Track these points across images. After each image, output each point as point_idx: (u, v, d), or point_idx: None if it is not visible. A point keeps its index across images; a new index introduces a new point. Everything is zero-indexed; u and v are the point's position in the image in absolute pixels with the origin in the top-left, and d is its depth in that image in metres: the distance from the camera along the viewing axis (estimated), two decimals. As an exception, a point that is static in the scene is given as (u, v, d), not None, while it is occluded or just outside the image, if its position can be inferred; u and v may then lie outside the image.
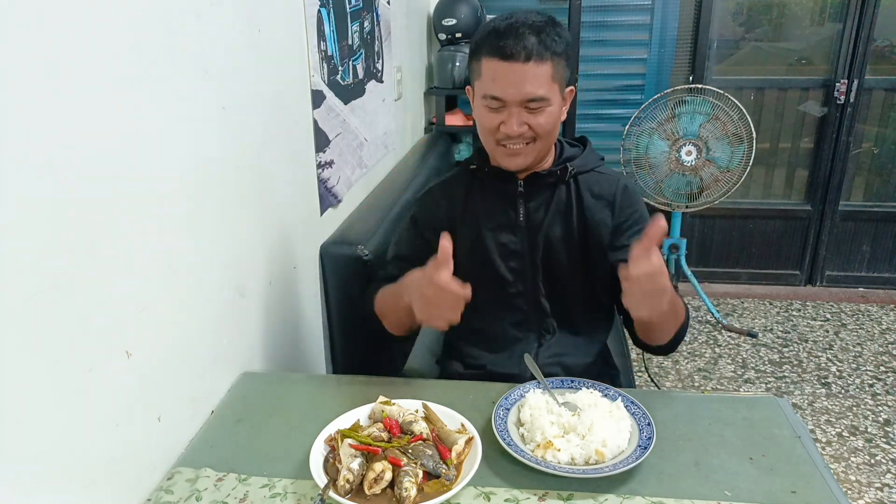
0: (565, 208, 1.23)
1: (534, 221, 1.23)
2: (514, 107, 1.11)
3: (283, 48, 1.42)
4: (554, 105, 1.13)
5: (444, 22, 2.85)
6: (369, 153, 2.08)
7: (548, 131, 1.14)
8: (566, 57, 1.13)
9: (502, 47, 1.08)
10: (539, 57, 1.08)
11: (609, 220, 1.23)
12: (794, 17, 3.21)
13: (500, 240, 1.24)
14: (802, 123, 3.30)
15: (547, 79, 1.10)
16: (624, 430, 0.96)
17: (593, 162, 1.26)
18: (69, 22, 0.76)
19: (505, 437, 0.95)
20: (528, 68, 1.08)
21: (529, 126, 1.12)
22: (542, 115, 1.12)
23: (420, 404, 1.01)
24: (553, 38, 1.10)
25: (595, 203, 1.23)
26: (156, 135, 0.94)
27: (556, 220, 1.23)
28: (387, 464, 0.86)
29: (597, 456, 0.92)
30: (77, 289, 0.78)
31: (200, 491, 0.90)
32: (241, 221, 1.23)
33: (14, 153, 0.68)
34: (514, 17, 1.12)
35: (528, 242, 1.24)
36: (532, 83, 1.09)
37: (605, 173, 1.26)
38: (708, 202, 2.78)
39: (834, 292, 3.41)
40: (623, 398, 1.03)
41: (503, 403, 1.03)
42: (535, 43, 1.08)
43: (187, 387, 1.04)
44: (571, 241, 1.23)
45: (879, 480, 2.11)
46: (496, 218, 1.24)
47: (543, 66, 1.09)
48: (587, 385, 1.07)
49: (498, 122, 1.13)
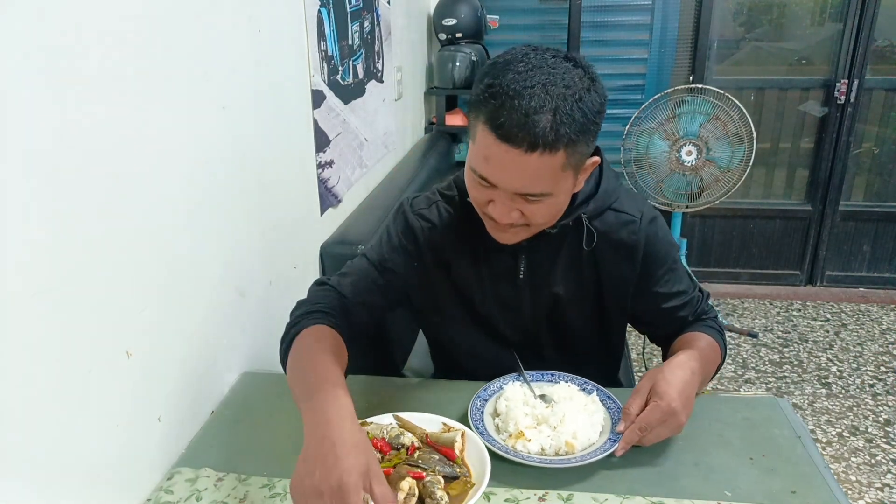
0: (576, 263, 1.05)
1: (538, 277, 1.06)
2: (505, 194, 0.88)
3: (283, 48, 1.42)
4: (559, 195, 0.90)
5: (444, 22, 2.85)
6: (369, 153, 2.08)
7: (546, 221, 0.94)
8: (592, 133, 0.85)
9: (502, 125, 0.81)
10: (549, 147, 0.81)
11: (632, 275, 1.06)
12: (794, 17, 3.21)
13: (498, 290, 1.09)
14: (803, 123, 3.30)
15: (555, 170, 0.84)
16: (596, 423, 0.96)
17: (610, 196, 1.04)
18: (69, 22, 0.76)
19: (479, 426, 0.96)
20: (531, 160, 0.82)
21: (523, 214, 0.90)
22: (542, 206, 0.90)
23: (391, 417, 0.98)
24: (575, 116, 0.81)
25: (613, 255, 1.04)
26: (156, 135, 0.94)
27: (566, 277, 1.06)
28: (411, 480, 0.83)
29: (566, 447, 0.93)
30: (77, 289, 0.78)
31: (200, 491, 0.90)
32: (241, 221, 1.23)
33: (14, 153, 0.68)
34: (531, 73, 0.81)
35: (530, 300, 1.09)
36: (532, 178, 0.85)
37: (624, 211, 1.04)
38: (708, 202, 2.78)
39: (834, 292, 3.41)
40: (599, 392, 1.04)
41: (481, 394, 1.03)
42: (548, 128, 0.80)
43: (187, 387, 1.04)
44: (584, 300, 1.08)
45: (880, 480, 2.11)
46: (494, 267, 1.07)
47: (553, 158, 0.82)
48: (566, 378, 1.07)
49: (487, 199, 0.91)
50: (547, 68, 0.83)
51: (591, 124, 0.84)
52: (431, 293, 1.14)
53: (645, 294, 1.10)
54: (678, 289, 1.12)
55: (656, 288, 1.09)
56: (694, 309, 1.14)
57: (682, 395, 0.91)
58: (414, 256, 1.09)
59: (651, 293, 1.10)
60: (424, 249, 1.08)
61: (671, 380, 0.92)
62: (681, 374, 0.94)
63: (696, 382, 0.95)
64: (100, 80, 0.81)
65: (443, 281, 1.12)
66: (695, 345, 1.05)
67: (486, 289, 1.10)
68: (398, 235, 1.09)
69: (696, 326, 1.13)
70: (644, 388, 0.94)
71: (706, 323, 1.14)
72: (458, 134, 3.04)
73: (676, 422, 0.90)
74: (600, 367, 1.23)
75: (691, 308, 1.13)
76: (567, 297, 1.08)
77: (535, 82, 0.81)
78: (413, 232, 1.08)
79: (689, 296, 1.13)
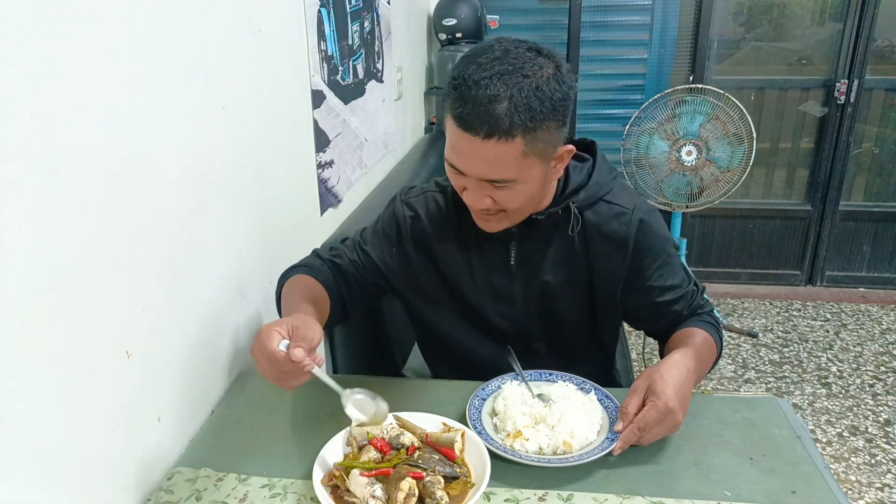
0: (567, 252, 1.07)
1: (529, 266, 1.08)
2: (474, 181, 0.92)
3: (283, 48, 1.42)
4: (527, 182, 0.92)
5: (444, 22, 2.85)
6: (369, 153, 2.08)
7: (518, 206, 0.96)
8: (554, 121, 0.87)
9: (461, 115, 0.85)
10: (505, 135, 0.84)
11: (622, 268, 1.07)
12: (794, 17, 3.21)
13: (490, 280, 1.10)
14: (803, 123, 3.30)
15: (514, 158, 0.87)
16: (594, 422, 0.97)
17: (602, 188, 1.05)
18: (69, 22, 0.76)
19: (477, 425, 0.96)
20: (489, 147, 0.85)
21: (494, 200, 0.94)
22: (511, 193, 0.92)
23: (391, 417, 0.97)
24: (532, 105, 0.84)
25: (604, 247, 1.06)
26: (156, 135, 0.94)
27: (556, 266, 1.07)
28: (411, 480, 0.83)
29: (564, 447, 0.93)
30: (77, 289, 0.78)
31: (200, 491, 0.90)
32: (241, 221, 1.23)
33: (14, 153, 0.68)
34: (491, 64, 0.85)
35: (521, 289, 1.10)
36: (492, 164, 0.88)
37: (617, 203, 1.05)
38: (708, 202, 2.78)
39: (834, 292, 3.41)
40: (597, 391, 1.04)
41: (479, 394, 1.03)
42: (502, 115, 0.83)
43: (187, 387, 1.04)
44: (575, 289, 1.09)
45: (880, 480, 2.11)
46: (487, 255, 1.09)
47: (510, 145, 0.85)
48: (564, 378, 1.07)
49: (461, 187, 0.96)
50: (508, 58, 0.86)
51: (552, 112, 0.86)
52: (417, 282, 1.15)
53: (637, 288, 1.10)
54: (672, 283, 1.12)
55: (649, 282, 1.10)
56: (688, 303, 1.14)
57: (679, 394, 0.92)
58: (393, 242, 1.14)
59: (644, 287, 1.10)
60: (406, 237, 1.13)
61: (668, 379, 0.93)
62: (676, 373, 0.94)
63: (691, 381, 0.96)
64: (99, 80, 0.81)
65: (430, 271, 1.14)
66: (690, 342, 1.06)
67: (476, 278, 1.11)
68: (383, 221, 1.16)
69: (692, 321, 1.13)
70: (641, 387, 0.95)
71: (701, 318, 1.14)
72: (458, 134, 3.04)
73: (674, 421, 0.91)
74: (593, 363, 1.23)
75: (686, 302, 1.14)
76: (558, 286, 1.09)
77: (493, 72, 0.84)
78: (396, 219, 1.14)
79: (684, 290, 1.13)
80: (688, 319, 1.14)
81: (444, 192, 1.13)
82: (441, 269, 1.13)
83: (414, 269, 1.14)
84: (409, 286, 1.17)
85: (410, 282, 1.16)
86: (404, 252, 1.13)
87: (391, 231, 1.14)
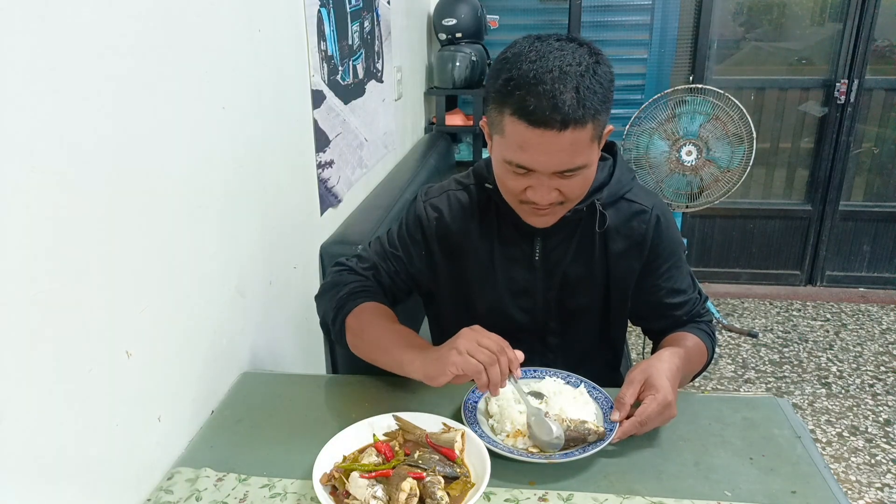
0: (588, 248, 1.09)
1: (552, 259, 1.11)
2: (544, 175, 0.93)
3: (283, 48, 1.42)
4: (592, 166, 0.95)
5: (444, 22, 2.85)
6: (369, 153, 2.08)
7: (581, 192, 0.99)
8: (610, 101, 0.91)
9: (532, 112, 0.86)
10: (579, 122, 0.87)
11: (637, 266, 1.11)
12: (794, 17, 3.21)
13: (511, 275, 1.12)
14: (803, 123, 3.30)
15: (587, 143, 0.90)
16: (589, 414, 0.98)
17: (623, 186, 1.09)
18: (69, 21, 0.75)
19: (476, 429, 0.96)
20: (566, 137, 0.87)
21: (561, 192, 0.95)
22: (578, 179, 0.95)
23: (391, 417, 0.98)
24: (595, 89, 0.87)
25: (622, 245, 1.09)
26: (156, 135, 0.94)
27: (578, 259, 1.10)
28: (412, 480, 0.83)
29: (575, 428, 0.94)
30: (77, 289, 0.78)
31: (200, 491, 0.90)
32: (241, 221, 1.23)
33: (14, 153, 0.68)
34: (545, 59, 0.87)
35: (542, 282, 1.12)
36: (570, 154, 0.90)
37: (637, 201, 1.09)
38: (708, 202, 2.78)
39: (834, 292, 3.41)
40: (585, 384, 1.05)
41: (471, 398, 1.03)
42: (574, 104, 0.85)
43: (187, 387, 1.04)
44: (593, 282, 1.12)
45: (880, 480, 2.11)
46: (510, 251, 1.11)
47: (584, 131, 0.88)
48: (550, 374, 1.08)
49: (524, 186, 0.96)
50: (556, 52, 0.88)
51: (609, 93, 0.91)
52: (440, 279, 1.17)
53: (646, 285, 1.13)
54: (678, 286, 1.15)
55: (657, 281, 1.13)
56: (689, 310, 1.17)
57: (674, 388, 0.96)
58: (421, 245, 1.15)
59: (651, 285, 1.13)
60: (431, 238, 1.14)
61: (664, 372, 0.96)
62: (668, 367, 0.98)
63: (678, 379, 1.00)
64: (99, 81, 0.81)
65: (453, 267, 1.15)
66: (682, 344, 1.09)
67: (498, 273, 1.13)
68: (407, 225, 1.16)
69: (689, 328, 1.16)
70: (637, 379, 0.97)
71: (699, 326, 1.17)
72: (457, 134, 3.04)
73: (670, 413, 0.94)
74: (601, 361, 1.24)
75: (687, 308, 1.17)
76: (576, 280, 1.11)
77: (551, 66, 0.87)
78: (420, 221, 1.14)
79: (688, 296, 1.17)
80: (685, 325, 1.17)
81: (466, 190, 1.14)
82: (464, 264, 1.14)
83: (438, 267, 1.16)
84: (435, 284, 1.19)
85: (435, 280, 1.18)
86: (430, 251, 1.15)
87: (416, 233, 1.15)
